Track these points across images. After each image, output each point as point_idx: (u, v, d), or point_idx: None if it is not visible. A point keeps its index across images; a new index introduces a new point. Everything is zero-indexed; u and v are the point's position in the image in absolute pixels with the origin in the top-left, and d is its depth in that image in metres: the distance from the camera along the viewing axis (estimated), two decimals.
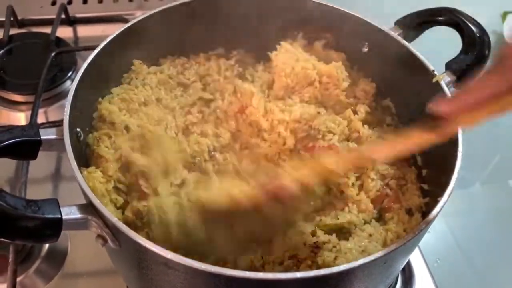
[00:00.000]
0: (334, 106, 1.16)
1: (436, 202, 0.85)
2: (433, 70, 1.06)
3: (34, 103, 1.36)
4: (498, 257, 1.25)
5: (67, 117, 0.92)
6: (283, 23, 1.21)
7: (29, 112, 1.35)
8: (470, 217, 1.24)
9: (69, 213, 0.79)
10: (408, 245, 0.81)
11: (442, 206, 0.85)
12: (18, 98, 1.46)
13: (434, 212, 0.84)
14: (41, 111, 1.41)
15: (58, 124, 1.32)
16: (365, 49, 1.19)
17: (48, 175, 1.33)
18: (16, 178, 1.28)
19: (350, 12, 1.17)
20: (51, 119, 1.44)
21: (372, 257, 0.76)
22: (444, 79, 1.05)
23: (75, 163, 0.85)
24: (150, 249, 0.75)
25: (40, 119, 1.40)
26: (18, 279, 1.09)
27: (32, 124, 1.23)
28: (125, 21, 1.70)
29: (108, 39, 1.07)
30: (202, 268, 0.73)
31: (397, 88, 1.16)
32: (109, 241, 0.82)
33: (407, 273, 1.17)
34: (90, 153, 1.03)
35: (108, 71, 1.11)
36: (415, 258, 1.20)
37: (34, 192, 1.22)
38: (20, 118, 1.44)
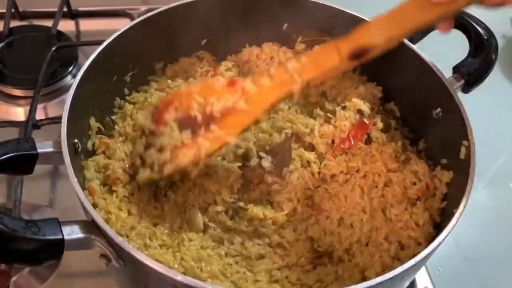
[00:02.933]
0: None
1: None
2: (440, 73, 1.03)
3: (33, 98, 1.35)
4: (501, 265, 1.22)
5: (65, 129, 0.88)
6: (282, 26, 1.20)
7: (28, 107, 1.33)
8: (472, 222, 1.21)
9: (71, 232, 0.76)
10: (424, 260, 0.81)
11: (459, 218, 0.86)
12: (17, 92, 1.44)
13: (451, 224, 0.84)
14: (40, 106, 1.39)
15: (57, 121, 1.31)
16: None
17: (45, 171, 1.30)
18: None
19: (351, 12, 1.14)
20: (51, 114, 1.42)
21: (391, 274, 0.75)
22: (451, 82, 1.03)
23: (76, 179, 0.82)
24: (158, 270, 0.72)
25: (39, 114, 1.37)
26: (12, 279, 1.07)
27: (28, 137, 1.17)
28: (129, 15, 1.67)
29: (106, 42, 1.05)
30: None
31: (402, 91, 1.14)
32: (113, 261, 0.79)
33: (409, 283, 1.14)
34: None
35: (106, 76, 1.09)
36: None
37: (31, 189, 1.21)
38: (19, 113, 1.42)
